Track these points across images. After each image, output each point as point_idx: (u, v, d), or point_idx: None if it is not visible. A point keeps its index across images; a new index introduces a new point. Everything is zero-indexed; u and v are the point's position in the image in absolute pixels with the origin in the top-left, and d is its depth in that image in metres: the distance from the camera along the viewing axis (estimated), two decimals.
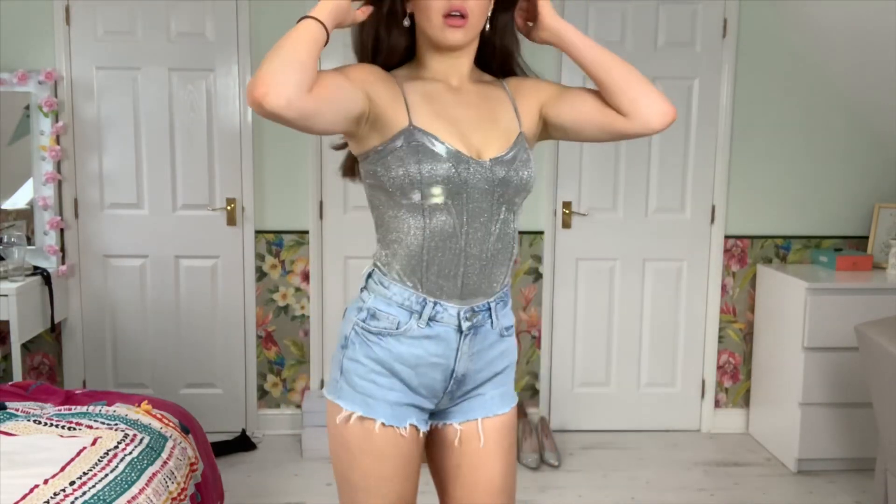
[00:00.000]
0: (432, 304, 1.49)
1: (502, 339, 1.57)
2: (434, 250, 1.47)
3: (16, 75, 3.38)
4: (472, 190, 1.45)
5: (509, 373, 1.62)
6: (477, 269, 1.49)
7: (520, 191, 1.51)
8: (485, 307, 1.53)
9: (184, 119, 3.54)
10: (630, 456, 3.57)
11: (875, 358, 2.54)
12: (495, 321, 1.54)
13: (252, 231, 3.61)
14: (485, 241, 1.48)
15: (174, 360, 3.68)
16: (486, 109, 1.52)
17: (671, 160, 3.69)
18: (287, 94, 1.26)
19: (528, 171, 1.50)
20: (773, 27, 3.61)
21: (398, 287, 1.50)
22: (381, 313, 1.51)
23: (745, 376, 3.83)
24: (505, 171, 1.47)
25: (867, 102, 3.65)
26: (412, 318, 1.49)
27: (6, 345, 3.49)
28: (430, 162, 1.42)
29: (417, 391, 1.52)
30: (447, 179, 1.43)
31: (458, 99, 1.52)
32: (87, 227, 3.58)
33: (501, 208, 1.49)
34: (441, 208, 1.45)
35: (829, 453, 3.38)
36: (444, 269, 1.48)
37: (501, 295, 1.56)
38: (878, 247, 3.64)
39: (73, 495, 1.91)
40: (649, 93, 1.48)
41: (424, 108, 1.48)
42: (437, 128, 1.46)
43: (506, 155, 1.48)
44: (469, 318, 1.51)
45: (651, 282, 3.77)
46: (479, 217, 1.47)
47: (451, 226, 1.46)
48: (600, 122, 1.51)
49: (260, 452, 3.55)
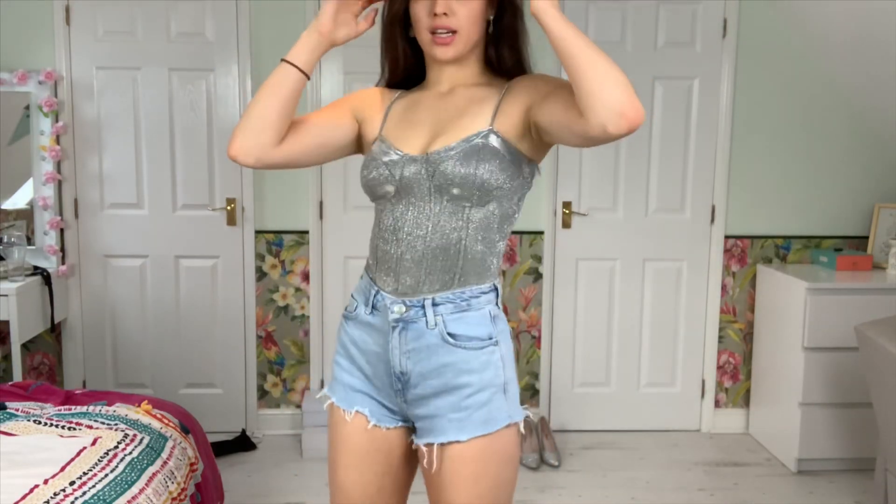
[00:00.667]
0: (374, 292, 1.54)
1: (449, 347, 1.48)
2: (380, 243, 1.53)
3: (16, 75, 3.38)
4: (406, 185, 1.48)
5: (478, 395, 1.47)
6: (412, 264, 1.48)
7: (460, 185, 1.44)
8: (418, 303, 1.49)
9: (184, 119, 3.54)
10: (630, 456, 3.57)
11: (875, 358, 2.54)
12: (431, 321, 1.49)
13: (252, 231, 3.61)
14: (420, 238, 1.48)
15: (174, 360, 3.68)
16: (460, 110, 1.51)
17: (671, 160, 3.69)
18: (255, 154, 1.48)
19: (472, 168, 1.42)
20: (773, 27, 3.61)
21: (365, 275, 1.60)
22: (351, 300, 1.62)
23: (745, 376, 3.83)
24: (446, 164, 1.44)
25: (867, 102, 3.65)
26: (363, 304, 1.57)
27: (6, 345, 3.49)
28: (373, 166, 1.51)
29: (373, 382, 1.56)
30: (380, 177, 1.49)
31: (438, 104, 1.54)
32: (87, 227, 3.58)
33: (440, 202, 1.46)
34: (387, 205, 1.52)
35: (829, 453, 3.38)
36: (385, 261, 1.52)
37: (450, 296, 1.49)
38: (878, 247, 3.64)
39: (73, 495, 1.91)
40: (610, 87, 1.25)
41: (399, 116, 1.55)
42: (397, 134, 1.53)
43: (451, 148, 1.45)
44: (396, 311, 1.50)
45: (651, 282, 3.77)
46: (415, 213, 1.48)
47: (392, 221, 1.50)
48: (566, 122, 1.34)
49: (260, 452, 3.55)
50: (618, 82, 1.25)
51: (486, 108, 1.50)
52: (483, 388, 1.48)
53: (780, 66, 3.64)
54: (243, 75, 3.51)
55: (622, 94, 1.25)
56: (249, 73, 3.51)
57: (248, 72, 3.51)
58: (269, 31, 3.48)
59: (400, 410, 1.56)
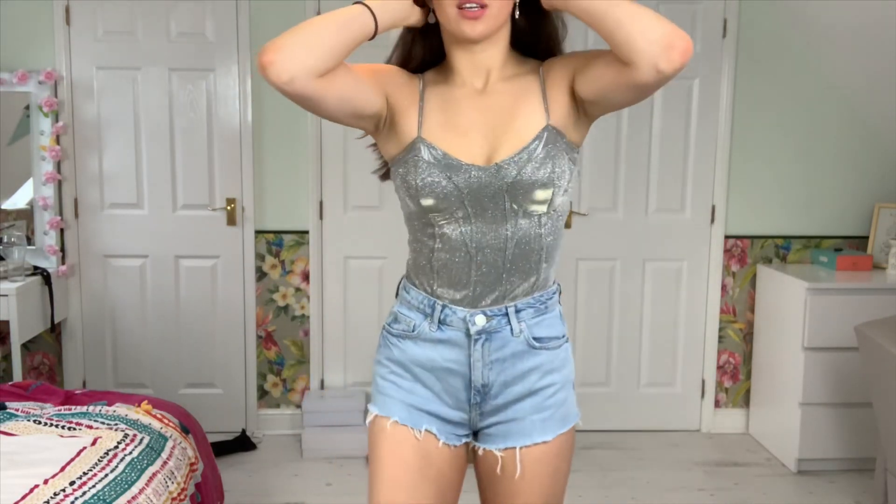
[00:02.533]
0: (441, 307, 1.45)
1: (534, 352, 1.46)
2: (443, 259, 1.43)
3: (16, 75, 3.38)
4: (476, 198, 1.39)
5: (558, 393, 1.49)
6: (491, 277, 1.43)
7: (539, 191, 1.38)
8: (500, 312, 1.44)
9: (184, 119, 3.54)
10: (630, 456, 3.57)
11: (875, 358, 2.54)
12: (516, 328, 1.45)
13: (252, 231, 3.61)
14: (499, 248, 1.41)
15: (174, 360, 3.68)
16: (509, 109, 1.41)
17: (671, 160, 3.69)
18: (293, 71, 1.25)
19: (548, 169, 1.37)
20: (773, 27, 3.61)
21: (415, 291, 1.49)
22: (401, 316, 1.51)
23: (745, 376, 3.83)
24: (516, 172, 1.36)
25: (867, 102, 3.65)
26: (425, 320, 1.47)
27: (6, 345, 3.49)
28: (428, 174, 1.38)
29: (442, 398, 1.48)
30: (443, 191, 1.38)
31: (479, 103, 1.43)
32: (87, 227, 3.58)
33: (517, 213, 1.40)
34: (447, 218, 1.41)
35: (829, 453, 3.38)
36: (454, 277, 1.44)
37: (531, 301, 1.46)
38: (878, 247, 3.64)
39: (73, 495, 1.91)
40: (649, 24, 1.23)
41: (438, 117, 1.43)
42: (444, 138, 1.41)
43: (517, 156, 1.37)
44: (478, 323, 1.44)
45: (651, 282, 3.77)
46: (489, 224, 1.40)
47: (459, 235, 1.41)
48: (614, 80, 1.30)
49: (260, 452, 3.55)
50: (655, 17, 1.23)
51: (533, 102, 1.41)
52: (563, 386, 1.50)
53: (780, 66, 3.64)
54: (243, 75, 3.51)
55: (664, 27, 1.22)
56: (249, 73, 3.51)
57: (248, 72, 3.51)
58: (269, 31, 3.48)
59: (470, 423, 1.50)
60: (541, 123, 1.39)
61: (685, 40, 1.22)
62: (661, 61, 1.22)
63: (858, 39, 3.54)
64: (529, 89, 1.43)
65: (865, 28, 3.57)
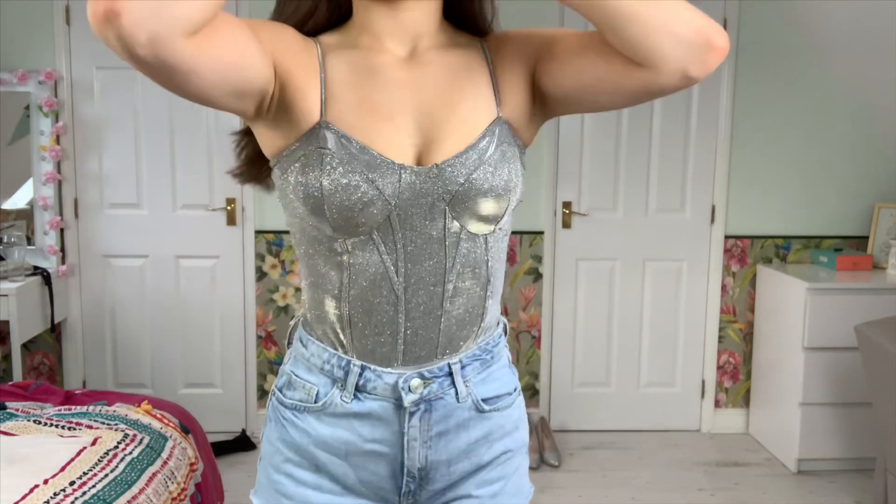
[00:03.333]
0: (359, 369, 1.08)
1: (483, 416, 1.13)
2: (359, 298, 1.05)
3: (16, 75, 3.38)
4: (406, 212, 1.02)
5: (510, 461, 1.18)
6: (427, 321, 1.06)
7: (483, 203, 1.03)
8: (442, 371, 1.09)
9: (184, 119, 3.54)
10: (630, 456, 3.57)
11: (875, 358, 2.54)
12: (463, 390, 1.10)
13: (252, 231, 3.61)
14: (436, 282, 1.05)
15: (174, 360, 3.68)
16: (446, 87, 1.06)
17: (671, 160, 3.69)
18: (151, 28, 0.78)
19: (504, 174, 1.04)
20: (773, 27, 3.61)
21: (317, 345, 1.11)
22: (297, 381, 1.12)
23: (745, 376, 3.83)
24: (464, 177, 1.01)
25: (867, 102, 3.65)
26: (334, 387, 1.09)
27: (6, 345, 3.49)
28: (339, 174, 0.98)
29: (357, 492, 1.12)
30: (361, 200, 0.99)
31: (406, 76, 1.05)
32: (87, 227, 3.58)
33: (459, 233, 1.04)
34: (363, 240, 1.03)
35: (829, 453, 3.38)
36: (376, 323, 1.06)
37: (476, 352, 1.12)
38: (878, 247, 3.64)
39: (73, 495, 1.91)
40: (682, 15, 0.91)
41: (348, 94, 1.03)
42: (359, 124, 1.01)
43: (464, 154, 1.02)
44: (414, 389, 1.07)
45: (651, 282, 3.77)
46: (423, 249, 1.04)
47: (379, 263, 1.03)
48: (611, 80, 0.99)
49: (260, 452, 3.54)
50: (682, 6, 0.92)
51: (479, 83, 1.07)
52: (516, 452, 1.20)
53: (780, 66, 3.64)
54: None
55: (696, 19, 0.91)
56: None
57: None
58: None
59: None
60: (490, 114, 1.05)
61: (723, 37, 0.92)
62: (694, 65, 0.92)
63: (858, 39, 3.54)
64: (472, 66, 1.08)
65: (865, 28, 3.57)
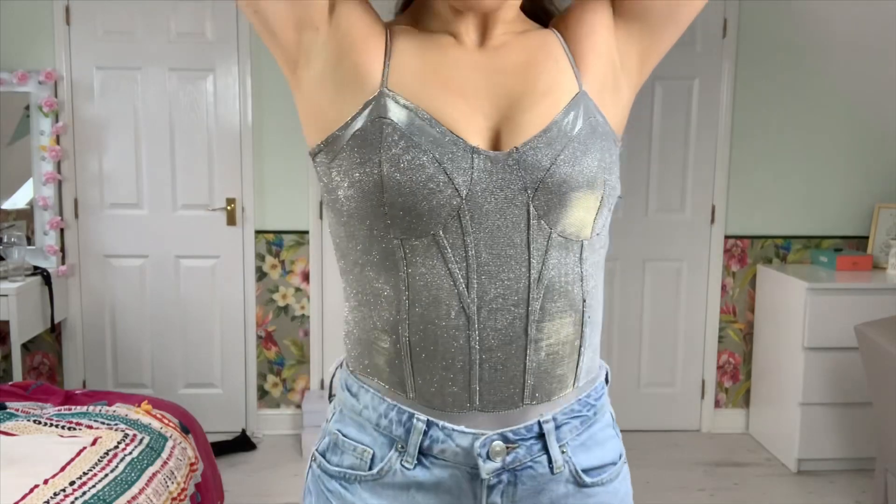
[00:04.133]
0: (424, 425, 0.85)
1: (585, 492, 0.90)
2: (421, 321, 0.84)
3: (16, 75, 3.38)
4: (480, 208, 0.82)
5: None
6: (508, 352, 0.83)
7: (575, 195, 0.84)
8: (531, 432, 0.85)
9: (184, 119, 3.54)
10: (630, 456, 3.55)
11: (875, 358, 2.54)
12: (558, 458, 0.87)
13: (252, 231, 3.61)
14: (517, 301, 0.83)
15: (174, 360, 3.68)
16: (524, 67, 0.90)
17: (671, 160, 3.69)
18: None
19: (597, 156, 0.86)
20: (773, 27, 3.61)
21: (371, 393, 0.88)
22: (346, 442, 0.90)
23: (745, 376, 3.83)
24: (549, 160, 0.83)
25: (867, 102, 3.65)
26: (392, 449, 0.87)
27: (6, 345, 3.49)
28: (403, 151, 0.82)
29: None
30: (428, 187, 0.81)
31: (479, 58, 0.90)
32: (87, 227, 3.58)
33: (548, 236, 0.84)
34: (426, 244, 0.83)
35: (829, 453, 3.38)
36: (443, 354, 0.84)
37: (577, 406, 0.88)
38: (878, 247, 3.64)
39: (73, 495, 1.91)
40: None
41: (416, 63, 0.87)
42: (427, 94, 0.85)
43: (548, 132, 0.85)
44: (494, 456, 0.84)
45: (651, 282, 3.77)
46: (501, 257, 0.83)
47: (446, 275, 0.83)
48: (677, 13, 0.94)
49: (260, 452, 3.55)
50: None
51: (558, 59, 0.91)
52: None
53: (780, 66, 3.64)
54: (243, 75, 3.51)
55: None
56: (249, 73, 3.51)
57: (248, 72, 3.50)
58: None
59: None
60: (572, 89, 0.89)
61: None
62: None
63: (858, 39, 3.54)
64: (547, 45, 0.93)
65: (865, 28, 3.57)
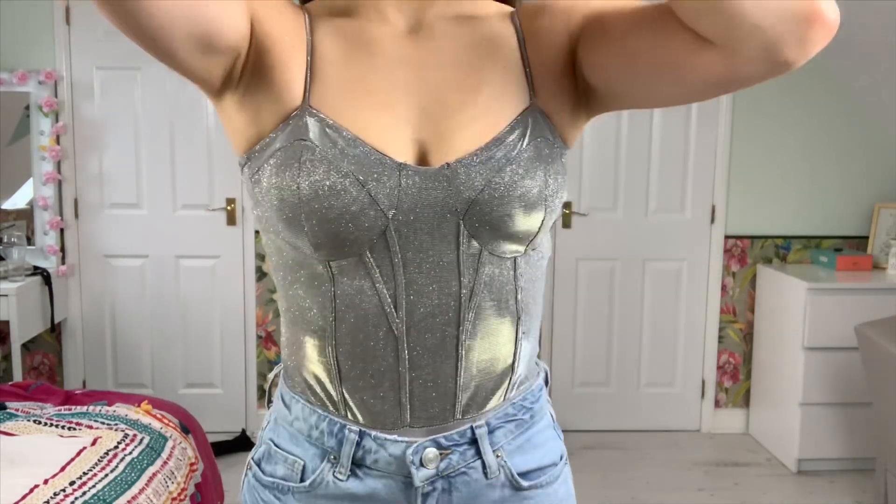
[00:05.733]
0: (356, 436, 0.83)
1: (522, 496, 0.88)
2: (349, 340, 0.82)
3: (16, 75, 3.38)
4: (408, 226, 0.79)
5: None
6: (438, 370, 0.82)
7: (512, 215, 0.79)
8: (464, 438, 0.84)
9: (184, 119, 3.54)
10: (630, 456, 3.57)
11: (875, 358, 2.55)
12: (492, 462, 0.85)
13: (252, 231, 3.61)
14: (448, 321, 0.81)
15: (174, 360, 3.68)
16: (464, 67, 0.82)
17: (671, 160, 3.69)
18: None
19: (540, 178, 0.79)
20: None
21: (302, 405, 0.86)
22: (277, 453, 0.89)
23: (745, 376, 3.83)
24: (484, 181, 0.78)
25: (867, 102, 3.65)
26: (324, 461, 0.85)
27: (6, 345, 3.49)
28: (323, 174, 0.77)
29: None
30: (350, 209, 0.77)
31: (410, 52, 0.83)
32: (87, 227, 3.58)
33: (479, 254, 0.80)
34: (353, 264, 0.80)
35: (829, 453, 3.38)
36: (373, 373, 0.82)
37: (511, 410, 0.86)
38: (878, 247, 3.64)
39: (73, 495, 1.91)
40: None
41: (338, 73, 0.81)
42: (349, 109, 0.80)
43: (486, 151, 0.79)
44: (427, 463, 0.83)
45: (651, 282, 3.77)
46: (431, 275, 0.80)
47: (374, 295, 0.80)
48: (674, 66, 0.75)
49: None
50: None
51: (508, 63, 0.83)
52: None
53: None
54: None
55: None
56: None
57: None
58: None
59: None
60: (521, 101, 0.82)
61: (834, 8, 0.66)
62: (790, 43, 0.66)
63: (858, 39, 3.54)
64: (498, 41, 0.83)
65: (865, 28, 3.57)
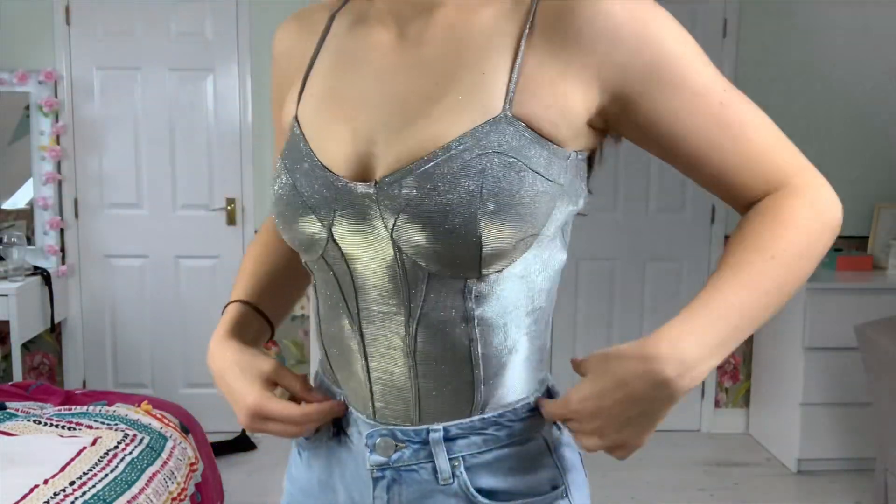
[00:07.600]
0: (344, 407, 0.87)
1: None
2: (327, 322, 0.87)
3: (16, 75, 3.38)
4: (347, 240, 0.79)
5: None
6: (392, 367, 0.82)
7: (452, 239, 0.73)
8: (419, 437, 0.82)
9: (184, 119, 3.54)
10: (630, 456, 3.56)
11: (875, 358, 2.54)
12: (445, 469, 0.82)
13: (252, 231, 3.61)
14: (395, 345, 0.80)
15: (174, 360, 3.68)
16: (436, 74, 0.77)
17: None
18: None
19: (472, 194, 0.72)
20: (773, 27, 3.61)
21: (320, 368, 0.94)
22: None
23: (745, 376, 3.83)
24: (416, 197, 0.73)
25: (867, 102, 3.65)
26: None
27: (6, 345, 3.49)
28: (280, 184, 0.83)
29: None
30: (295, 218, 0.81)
31: (394, 61, 0.80)
32: (87, 227, 3.58)
33: (420, 280, 0.76)
34: (318, 261, 0.83)
35: (829, 453, 3.38)
36: (347, 356, 0.85)
37: (478, 423, 0.82)
38: (878, 247, 3.64)
39: (73, 495, 1.91)
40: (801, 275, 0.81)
41: (319, 83, 0.84)
42: (317, 121, 0.82)
43: (424, 165, 0.73)
44: (378, 449, 0.82)
45: (651, 282, 3.77)
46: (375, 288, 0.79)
47: (335, 287, 0.82)
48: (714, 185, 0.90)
49: (260, 452, 3.55)
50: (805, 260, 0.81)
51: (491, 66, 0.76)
52: None
53: (780, 66, 3.64)
54: (243, 75, 3.51)
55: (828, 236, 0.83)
56: (249, 73, 3.51)
57: (248, 72, 3.50)
58: (269, 31, 3.48)
59: None
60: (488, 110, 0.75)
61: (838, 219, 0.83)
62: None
63: (858, 39, 3.54)
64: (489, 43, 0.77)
65: (865, 28, 3.58)
